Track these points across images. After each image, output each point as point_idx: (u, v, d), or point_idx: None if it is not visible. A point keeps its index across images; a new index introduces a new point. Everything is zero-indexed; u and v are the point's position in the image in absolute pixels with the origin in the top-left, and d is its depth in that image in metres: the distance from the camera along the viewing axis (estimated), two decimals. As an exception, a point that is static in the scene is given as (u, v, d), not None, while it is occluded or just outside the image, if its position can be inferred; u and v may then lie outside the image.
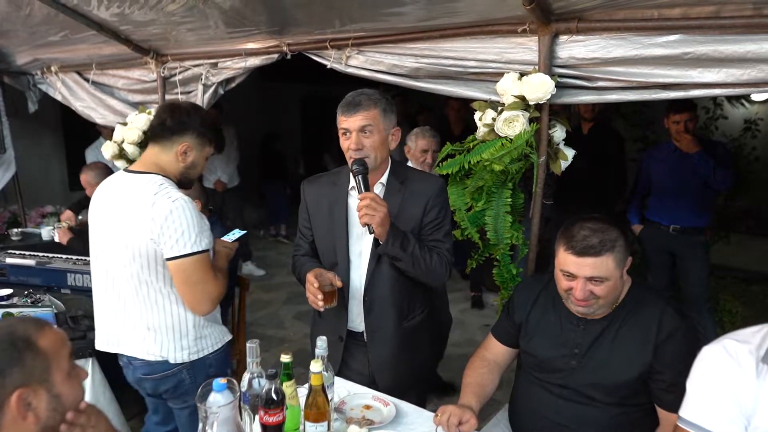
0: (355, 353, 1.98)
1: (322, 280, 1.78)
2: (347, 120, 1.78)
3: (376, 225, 1.69)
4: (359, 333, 1.95)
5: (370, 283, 1.88)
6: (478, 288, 4.82)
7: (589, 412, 1.64)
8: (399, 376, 1.95)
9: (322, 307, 1.78)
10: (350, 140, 1.79)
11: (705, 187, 3.34)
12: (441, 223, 1.87)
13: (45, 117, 5.00)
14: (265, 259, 6.10)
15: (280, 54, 2.70)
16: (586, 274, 1.56)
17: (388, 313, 1.91)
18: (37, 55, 3.63)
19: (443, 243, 1.87)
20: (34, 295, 2.70)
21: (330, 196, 1.93)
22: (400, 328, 1.93)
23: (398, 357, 1.94)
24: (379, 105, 1.79)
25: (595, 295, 1.58)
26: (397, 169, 1.92)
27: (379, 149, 1.80)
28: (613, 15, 1.81)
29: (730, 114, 5.74)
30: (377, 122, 1.78)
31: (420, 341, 2.01)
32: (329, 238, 1.93)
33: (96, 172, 3.42)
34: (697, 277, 3.46)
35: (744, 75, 1.69)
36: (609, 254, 1.54)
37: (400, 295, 1.90)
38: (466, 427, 1.56)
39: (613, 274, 1.56)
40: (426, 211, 1.85)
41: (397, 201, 1.84)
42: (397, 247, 1.74)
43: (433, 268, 1.81)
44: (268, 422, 1.41)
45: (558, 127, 2.09)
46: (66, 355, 1.14)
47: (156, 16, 2.60)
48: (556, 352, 1.71)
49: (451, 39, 2.15)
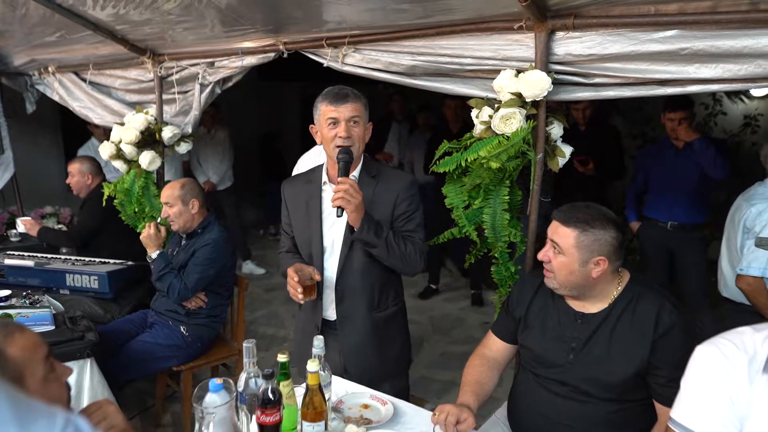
0: (329, 341, 2.02)
1: (302, 275, 1.87)
2: (336, 110, 1.87)
3: (350, 211, 1.78)
4: (332, 321, 2.04)
5: (341, 271, 1.98)
6: (477, 286, 4.81)
7: (587, 409, 1.64)
8: (369, 365, 2.03)
9: (302, 300, 1.87)
10: (339, 128, 1.88)
11: (702, 183, 3.35)
12: (412, 215, 1.97)
13: (43, 118, 5.00)
14: (265, 258, 6.10)
15: (276, 53, 2.69)
16: (550, 235, 1.66)
17: (358, 301, 2.00)
18: (33, 55, 3.63)
19: (415, 233, 1.96)
20: (33, 296, 2.70)
21: (306, 193, 2.04)
22: (370, 316, 2.02)
23: (367, 345, 2.03)
24: (361, 100, 1.92)
25: (552, 265, 1.65)
26: (368, 164, 2.02)
27: (361, 140, 1.92)
28: (610, 11, 1.80)
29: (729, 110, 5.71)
30: (362, 114, 1.91)
31: (391, 333, 2.09)
32: (306, 231, 2.03)
33: (90, 162, 3.58)
34: (695, 274, 3.46)
35: (741, 70, 1.68)
36: (574, 230, 1.60)
37: (370, 283, 1.99)
38: (464, 426, 1.55)
39: (569, 251, 1.61)
40: (396, 204, 1.95)
41: (369, 194, 1.93)
42: (371, 233, 1.83)
43: (408, 255, 1.90)
44: (265, 422, 1.41)
45: (555, 123, 2.08)
46: (40, 359, 1.07)
47: (152, 16, 2.60)
48: (553, 346, 1.71)
49: (448, 36, 2.15)
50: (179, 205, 2.76)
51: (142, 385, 3.31)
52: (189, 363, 2.82)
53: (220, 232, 2.81)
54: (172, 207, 2.77)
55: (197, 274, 2.70)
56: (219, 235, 2.78)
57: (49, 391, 1.08)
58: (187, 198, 2.76)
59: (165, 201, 2.79)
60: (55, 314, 2.44)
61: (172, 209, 2.76)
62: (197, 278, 2.70)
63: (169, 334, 2.78)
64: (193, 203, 2.77)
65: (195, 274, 2.70)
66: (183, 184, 2.81)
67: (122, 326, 2.87)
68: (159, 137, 3.22)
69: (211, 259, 2.73)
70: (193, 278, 2.70)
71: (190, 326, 2.80)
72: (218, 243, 2.75)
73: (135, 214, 3.32)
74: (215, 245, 2.74)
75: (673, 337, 1.56)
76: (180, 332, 2.78)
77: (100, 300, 3.04)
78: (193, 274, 2.70)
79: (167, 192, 2.79)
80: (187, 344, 2.79)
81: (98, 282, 3.02)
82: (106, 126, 3.53)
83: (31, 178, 5.00)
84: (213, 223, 2.85)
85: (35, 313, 2.35)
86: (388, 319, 2.07)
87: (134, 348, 2.71)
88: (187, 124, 3.27)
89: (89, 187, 3.54)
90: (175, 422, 3.05)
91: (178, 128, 3.25)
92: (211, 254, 2.73)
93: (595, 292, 1.67)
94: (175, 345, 2.77)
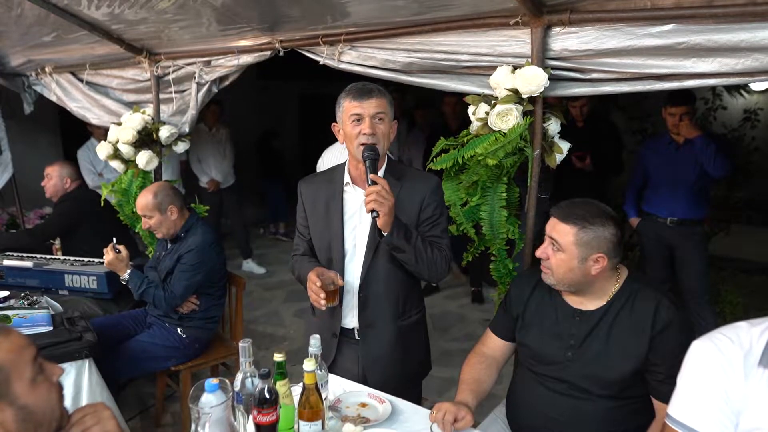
0: (346, 351, 1.97)
1: (324, 279, 1.78)
2: (361, 105, 1.78)
3: (383, 213, 1.67)
4: (350, 330, 1.95)
5: (366, 277, 1.88)
6: (478, 283, 4.80)
7: (585, 406, 1.64)
8: (390, 376, 1.93)
9: (324, 306, 1.77)
10: (363, 125, 1.77)
11: (702, 179, 3.33)
12: (437, 220, 1.88)
13: (42, 118, 4.99)
14: (266, 257, 6.10)
15: (272, 51, 2.68)
16: (549, 232, 1.65)
17: (382, 309, 1.90)
18: (30, 56, 3.63)
19: (441, 239, 1.87)
20: (31, 297, 2.70)
21: (326, 194, 1.93)
22: (395, 325, 1.92)
23: (391, 356, 1.93)
24: (387, 96, 1.83)
25: (550, 263, 1.65)
26: (393, 166, 1.93)
27: (386, 138, 1.83)
28: (606, 6, 1.79)
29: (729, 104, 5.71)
30: (387, 111, 1.82)
31: (414, 342, 2.00)
32: (326, 234, 1.93)
33: (69, 168, 3.57)
34: (696, 269, 3.45)
35: (738, 64, 1.66)
36: (573, 227, 1.59)
37: (396, 291, 1.90)
38: (462, 424, 1.55)
39: (569, 248, 1.60)
40: (422, 208, 1.86)
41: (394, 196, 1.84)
42: (401, 237, 1.74)
43: (434, 261, 1.82)
44: (262, 422, 1.40)
45: (553, 120, 2.07)
46: (27, 361, 1.07)
47: (147, 15, 2.59)
48: (551, 343, 1.70)
49: (444, 33, 2.13)
50: (157, 215, 2.68)
51: (142, 385, 3.31)
52: (188, 363, 2.81)
53: (203, 233, 2.73)
54: (150, 218, 2.69)
55: (185, 281, 2.65)
56: (203, 238, 2.70)
57: (40, 394, 1.08)
58: (163, 206, 2.68)
59: (141, 213, 2.70)
60: (53, 315, 2.44)
61: (152, 220, 2.69)
62: (185, 285, 2.66)
63: (167, 335, 2.77)
64: (171, 209, 2.69)
65: (183, 281, 2.65)
66: (156, 193, 2.70)
67: (122, 321, 2.87)
68: (156, 137, 3.21)
69: (196, 264, 2.66)
70: (181, 285, 2.65)
71: (186, 328, 2.79)
72: (203, 247, 2.68)
73: (133, 214, 3.32)
74: (199, 250, 2.66)
75: (671, 334, 1.55)
76: (177, 334, 2.77)
77: (99, 300, 3.05)
78: (181, 282, 2.65)
79: (141, 203, 2.69)
80: (184, 345, 2.79)
81: (97, 282, 3.02)
82: (104, 126, 3.53)
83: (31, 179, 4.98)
84: (196, 224, 2.77)
85: (33, 314, 2.35)
86: (411, 327, 1.97)
87: (132, 347, 2.70)
88: (184, 123, 3.26)
89: (65, 191, 3.53)
90: (175, 422, 3.05)
91: (175, 128, 3.24)
92: (197, 259, 2.66)
93: (594, 289, 1.67)
94: (173, 346, 2.76)
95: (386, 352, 1.93)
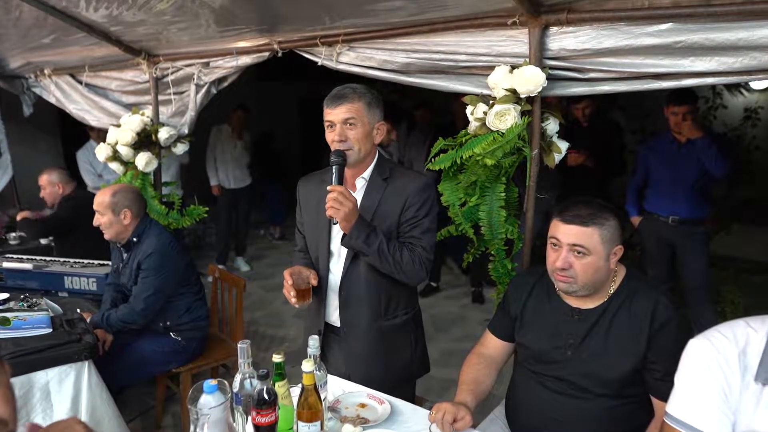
0: (334, 347, 2.02)
1: (298, 278, 1.83)
2: (331, 112, 1.81)
3: (340, 219, 1.73)
4: (337, 327, 1.99)
5: (345, 278, 1.92)
6: (478, 283, 4.80)
7: (584, 406, 1.63)
8: (373, 376, 1.92)
9: (296, 304, 1.83)
10: (334, 132, 1.81)
11: (704, 178, 3.32)
12: (419, 221, 1.86)
13: (42, 120, 5.01)
14: (264, 259, 6.12)
15: (271, 52, 2.68)
16: (569, 240, 1.59)
17: (362, 310, 1.93)
18: (29, 58, 3.63)
19: (420, 240, 1.86)
20: (31, 299, 2.70)
21: (318, 193, 1.95)
22: (375, 325, 1.94)
23: (371, 355, 1.95)
24: (364, 98, 1.82)
25: (574, 270, 1.60)
26: (382, 165, 1.93)
27: (362, 142, 1.82)
28: (603, 5, 1.79)
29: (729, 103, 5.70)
30: (361, 115, 1.81)
31: (399, 343, 1.99)
32: (315, 233, 1.98)
33: (58, 172, 3.65)
34: (697, 268, 3.44)
35: (736, 63, 1.66)
36: (596, 228, 1.58)
37: (375, 292, 1.91)
38: (461, 425, 1.54)
39: (596, 249, 1.58)
40: (404, 208, 1.85)
41: (378, 197, 1.87)
42: (360, 241, 1.76)
43: (402, 264, 1.80)
44: (261, 423, 1.40)
45: (551, 119, 2.07)
46: None
47: (146, 17, 2.59)
48: (550, 343, 1.70)
49: (442, 33, 2.13)
50: (109, 214, 2.57)
51: (142, 386, 3.30)
52: (188, 365, 2.81)
53: (159, 234, 2.64)
54: (102, 216, 2.58)
55: (152, 288, 2.57)
56: (159, 239, 2.62)
57: None
58: (118, 208, 2.58)
59: (95, 208, 2.60)
60: (52, 317, 2.44)
61: (103, 218, 2.58)
62: (152, 293, 2.57)
63: (164, 341, 2.74)
64: (124, 213, 2.59)
65: (149, 289, 2.57)
66: (115, 192, 2.61)
67: None
68: (155, 138, 3.21)
69: (158, 268, 2.58)
70: (148, 294, 2.56)
71: (178, 332, 2.75)
72: (161, 247, 2.59)
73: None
74: (158, 252, 2.58)
75: (669, 332, 1.55)
76: (171, 339, 2.75)
77: (99, 302, 3.04)
78: (148, 290, 2.57)
79: (98, 198, 2.59)
80: (182, 348, 2.77)
81: (96, 284, 3.02)
82: (103, 128, 3.53)
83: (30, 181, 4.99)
84: (149, 227, 2.68)
85: (33, 316, 2.35)
86: (397, 327, 1.97)
87: (133, 354, 2.66)
88: (183, 124, 3.26)
89: (63, 195, 3.62)
90: (175, 423, 3.05)
91: (174, 129, 3.25)
92: (158, 262, 2.57)
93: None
94: (172, 350, 2.75)
95: (367, 352, 1.95)
